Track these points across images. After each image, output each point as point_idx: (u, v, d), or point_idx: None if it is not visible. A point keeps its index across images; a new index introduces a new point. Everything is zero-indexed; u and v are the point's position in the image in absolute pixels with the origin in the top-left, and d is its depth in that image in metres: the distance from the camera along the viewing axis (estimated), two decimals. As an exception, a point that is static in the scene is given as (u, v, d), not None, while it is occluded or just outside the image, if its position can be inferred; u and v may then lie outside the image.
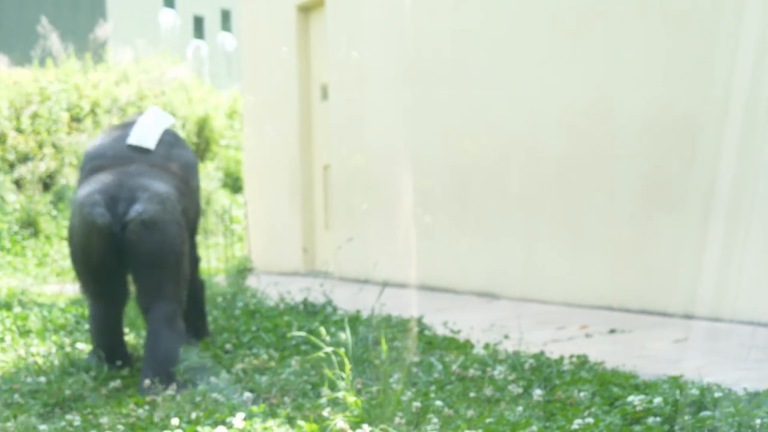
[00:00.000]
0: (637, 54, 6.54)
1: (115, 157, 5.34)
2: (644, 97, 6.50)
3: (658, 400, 3.75)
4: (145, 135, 5.48)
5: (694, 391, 3.78)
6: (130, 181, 5.13)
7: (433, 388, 4.44)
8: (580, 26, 6.97)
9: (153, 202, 5.02)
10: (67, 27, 21.33)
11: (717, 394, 3.75)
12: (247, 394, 4.40)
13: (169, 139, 5.61)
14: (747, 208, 5.75)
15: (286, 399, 4.36)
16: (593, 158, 6.87)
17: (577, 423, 3.66)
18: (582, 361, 4.74)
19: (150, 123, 5.58)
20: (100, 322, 5.27)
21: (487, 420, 3.82)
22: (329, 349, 4.10)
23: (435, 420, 3.88)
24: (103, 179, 5.19)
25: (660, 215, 6.36)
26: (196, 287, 5.81)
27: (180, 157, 5.54)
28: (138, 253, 4.98)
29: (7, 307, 7.19)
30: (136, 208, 4.96)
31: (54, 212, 13.30)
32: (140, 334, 5.88)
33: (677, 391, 3.84)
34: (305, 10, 10.59)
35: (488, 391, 4.27)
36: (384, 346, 4.07)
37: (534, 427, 3.64)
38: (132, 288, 5.29)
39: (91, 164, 5.37)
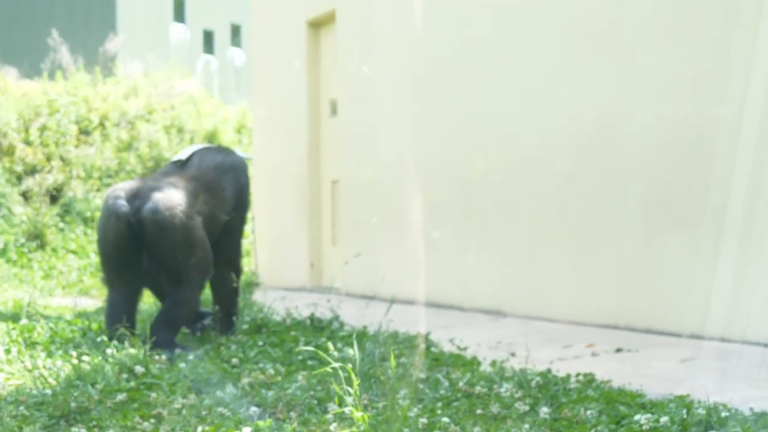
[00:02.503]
0: (648, 70, 6.54)
1: (159, 170, 6.58)
2: (654, 114, 6.50)
3: (664, 419, 3.75)
4: (184, 152, 6.57)
5: (701, 411, 3.77)
6: (150, 183, 6.10)
7: (439, 404, 4.43)
8: (590, 40, 6.97)
9: (164, 204, 5.92)
10: (77, 40, 21.40)
11: (724, 414, 3.75)
12: (254, 409, 4.40)
13: (216, 152, 6.58)
14: (757, 227, 5.74)
15: (293, 414, 4.36)
16: (602, 175, 6.87)
17: (583, 441, 3.66)
18: (589, 380, 4.73)
19: (196, 145, 6.67)
20: (112, 309, 6.09)
21: (494, 437, 3.82)
22: (337, 365, 4.10)
23: (441, 437, 3.87)
24: (132, 182, 6.23)
25: (668, 233, 6.35)
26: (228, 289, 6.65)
27: (213, 166, 6.46)
28: (153, 250, 5.95)
29: (14, 319, 7.19)
30: (149, 207, 5.89)
31: (61, 225, 13.31)
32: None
33: (684, 411, 3.83)
34: (315, 26, 10.62)
35: (495, 408, 4.26)
36: (392, 362, 4.07)
37: (540, 445, 3.64)
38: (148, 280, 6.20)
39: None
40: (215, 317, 6.58)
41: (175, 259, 5.95)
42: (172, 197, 5.98)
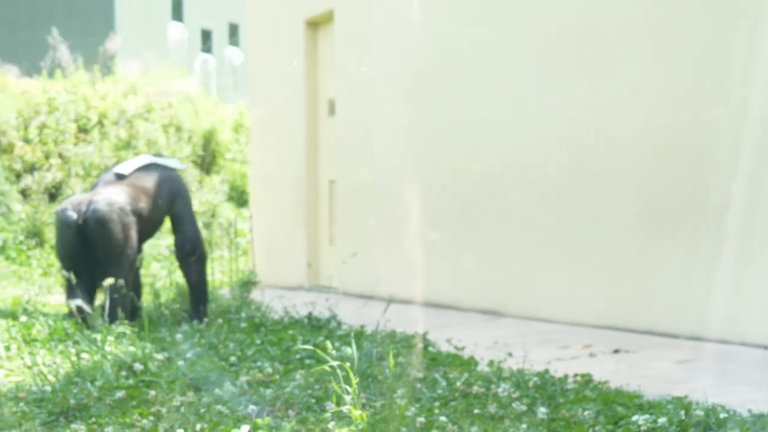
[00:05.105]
0: (640, 76, 6.55)
1: (102, 180, 7.60)
2: (647, 119, 6.51)
3: (662, 420, 3.76)
4: (126, 165, 7.59)
5: (699, 412, 3.78)
6: (93, 192, 7.26)
7: (437, 404, 4.44)
8: (585, 46, 6.99)
9: (103, 204, 7.07)
10: (76, 39, 21.38)
11: (722, 415, 3.76)
12: (252, 407, 4.41)
13: (153, 167, 7.59)
14: (756, 229, 5.75)
15: (291, 412, 4.37)
16: (599, 177, 6.89)
17: (581, 441, 3.67)
18: (586, 380, 4.74)
19: (138, 159, 7.71)
20: (71, 291, 7.04)
21: (492, 437, 3.83)
22: (335, 364, 4.11)
23: (439, 436, 3.88)
24: (78, 195, 7.50)
25: (664, 235, 6.37)
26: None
27: (149, 177, 7.50)
28: (94, 240, 7.03)
29: (13, 316, 7.21)
30: (92, 207, 7.05)
31: (59, 223, 13.30)
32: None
33: (682, 412, 3.84)
34: (313, 25, 10.62)
35: (492, 408, 4.27)
36: (391, 362, 4.08)
37: (538, 445, 3.65)
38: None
39: (92, 185, 7.73)
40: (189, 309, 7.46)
41: (112, 248, 7.03)
42: (111, 198, 7.12)
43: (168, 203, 7.55)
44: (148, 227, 7.46)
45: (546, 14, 7.35)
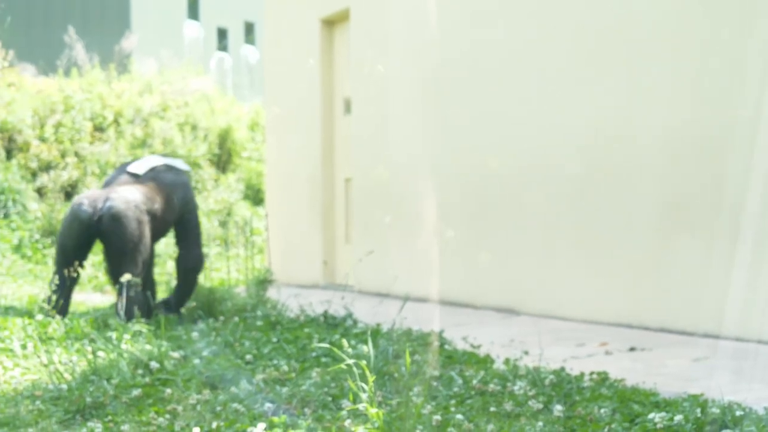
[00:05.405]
0: (658, 74, 6.54)
1: (115, 178, 7.71)
2: (664, 117, 6.50)
3: (678, 417, 3.75)
4: (140, 165, 7.72)
5: (715, 410, 3.77)
6: (109, 189, 7.38)
7: (453, 402, 4.44)
8: (602, 45, 6.98)
9: (120, 201, 7.19)
10: (92, 38, 21.44)
11: (738, 413, 3.75)
12: (268, 405, 4.41)
13: (167, 170, 7.76)
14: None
15: (307, 410, 4.38)
16: (613, 175, 6.88)
17: (597, 439, 3.66)
18: (602, 378, 4.74)
19: (149, 159, 7.87)
20: (56, 287, 7.24)
21: (508, 435, 3.83)
22: (351, 362, 4.11)
23: (455, 434, 3.88)
24: (94, 190, 7.61)
25: (681, 233, 6.35)
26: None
27: (164, 180, 7.65)
28: (108, 236, 7.15)
29: (29, 314, 7.22)
30: (108, 205, 7.17)
31: (76, 221, 13.32)
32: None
33: (698, 410, 3.84)
34: (329, 24, 10.63)
35: (508, 406, 4.27)
36: (407, 360, 4.08)
37: (554, 443, 3.64)
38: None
39: (104, 182, 7.85)
40: (167, 302, 7.73)
41: (126, 244, 7.12)
42: (127, 195, 7.25)
43: (179, 210, 7.73)
44: (160, 228, 7.60)
45: (563, 14, 7.34)
